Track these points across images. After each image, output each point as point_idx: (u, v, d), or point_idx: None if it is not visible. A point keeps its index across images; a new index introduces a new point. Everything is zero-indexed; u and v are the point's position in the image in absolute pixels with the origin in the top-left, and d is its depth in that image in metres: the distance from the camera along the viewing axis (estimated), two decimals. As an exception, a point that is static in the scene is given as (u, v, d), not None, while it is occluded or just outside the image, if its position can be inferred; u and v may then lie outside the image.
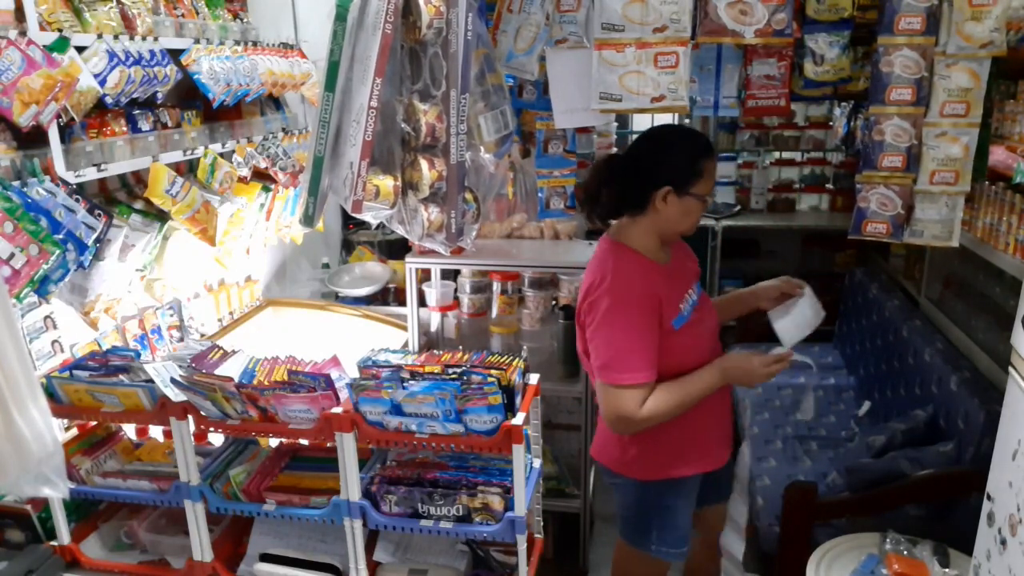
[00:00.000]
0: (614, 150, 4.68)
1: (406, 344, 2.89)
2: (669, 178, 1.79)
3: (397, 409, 1.67)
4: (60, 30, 1.94)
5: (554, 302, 2.95)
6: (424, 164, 1.83)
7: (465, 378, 1.65)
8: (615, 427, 1.85)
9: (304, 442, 1.91)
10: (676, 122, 4.80)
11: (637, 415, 1.77)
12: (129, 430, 2.12)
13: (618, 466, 1.98)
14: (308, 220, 1.84)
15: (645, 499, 1.97)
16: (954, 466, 2.18)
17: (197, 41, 2.48)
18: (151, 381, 1.80)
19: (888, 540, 1.94)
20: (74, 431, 2.00)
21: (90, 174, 2.05)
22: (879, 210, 1.97)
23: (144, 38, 2.22)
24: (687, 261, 2.01)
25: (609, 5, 1.96)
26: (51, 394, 1.82)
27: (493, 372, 1.67)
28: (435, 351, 1.92)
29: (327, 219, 3.70)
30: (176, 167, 2.34)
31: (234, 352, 1.94)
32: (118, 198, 2.28)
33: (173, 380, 1.77)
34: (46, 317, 2.03)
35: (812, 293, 1.93)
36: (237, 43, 2.70)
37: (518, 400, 1.72)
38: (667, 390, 1.79)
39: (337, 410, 1.71)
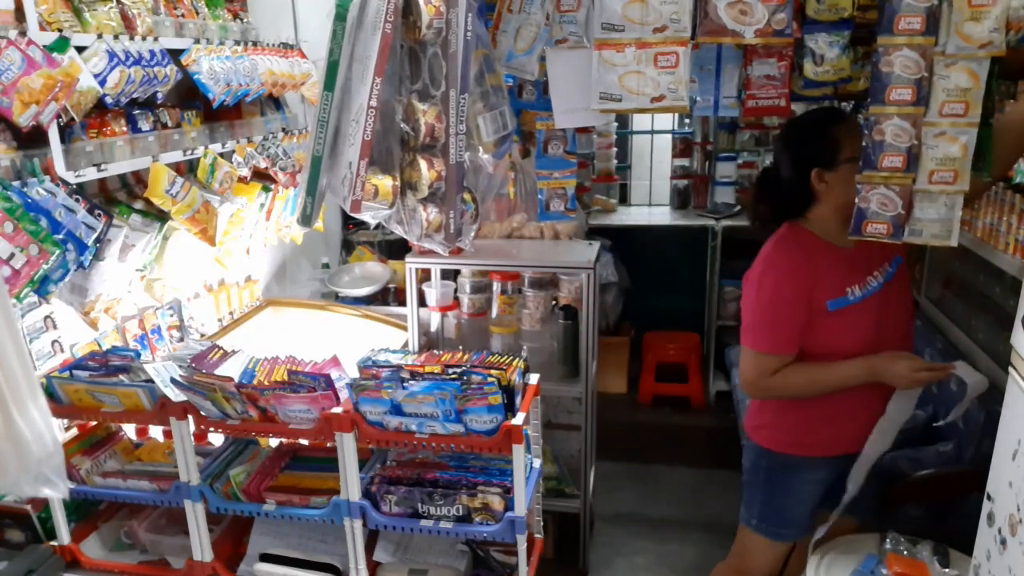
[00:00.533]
0: (614, 150, 4.69)
1: (406, 344, 2.89)
2: (811, 162, 1.87)
3: (397, 409, 1.67)
4: (60, 30, 1.94)
5: (554, 302, 2.95)
6: (423, 164, 1.83)
7: (465, 378, 1.66)
8: (744, 388, 1.94)
9: (304, 442, 1.91)
10: (676, 123, 4.80)
11: (763, 382, 1.86)
12: (129, 430, 2.12)
13: (749, 427, 2.07)
14: (306, 220, 1.84)
15: (759, 467, 2.04)
16: (954, 466, 2.18)
17: (197, 41, 2.48)
18: (151, 381, 1.80)
19: (888, 540, 1.94)
20: (74, 431, 2.00)
21: (90, 174, 2.04)
22: (879, 210, 1.96)
23: (144, 38, 2.22)
24: (884, 247, 1.91)
25: (609, 5, 1.96)
26: (51, 394, 1.82)
27: (493, 372, 1.67)
28: (435, 351, 1.92)
29: (327, 219, 3.70)
30: (176, 167, 2.34)
31: (234, 352, 1.94)
32: (118, 198, 2.28)
33: (173, 380, 1.77)
34: (46, 317, 2.03)
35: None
36: (237, 43, 2.70)
37: (518, 400, 1.72)
38: (803, 369, 1.85)
39: (337, 410, 1.71)
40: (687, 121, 4.69)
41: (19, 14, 1.83)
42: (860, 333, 1.87)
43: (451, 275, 3.04)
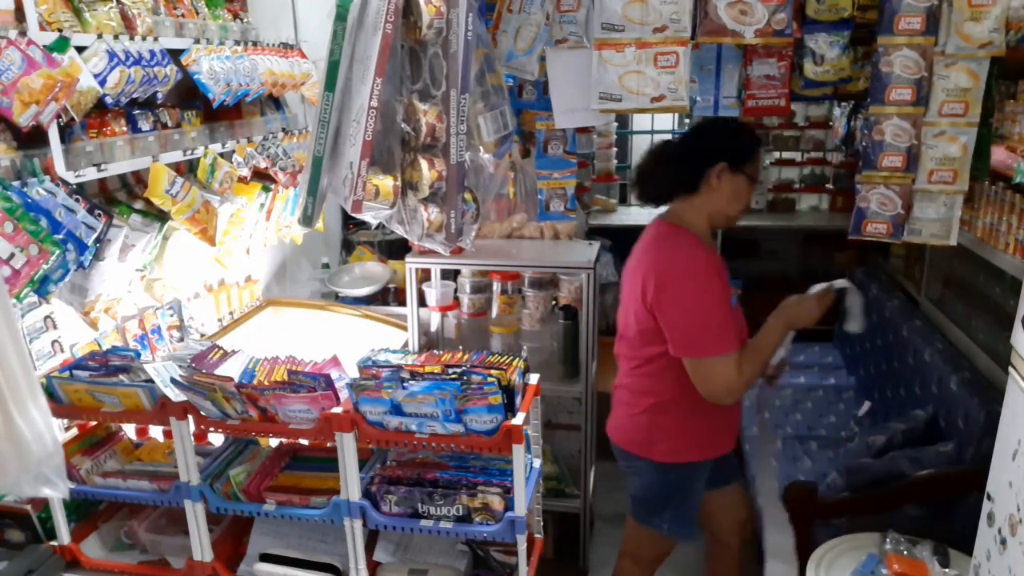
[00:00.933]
0: (614, 150, 4.69)
1: (406, 344, 2.89)
2: (724, 155, 1.88)
3: (397, 409, 1.67)
4: (60, 30, 1.94)
5: (554, 302, 2.95)
6: (424, 164, 1.83)
7: (465, 378, 1.65)
8: (721, 398, 1.88)
9: (304, 442, 1.91)
10: (676, 123, 4.80)
11: (739, 379, 1.85)
12: (129, 430, 2.12)
13: (640, 449, 2.05)
14: (307, 220, 1.84)
15: (664, 481, 2.05)
16: (954, 466, 2.18)
17: (197, 41, 2.48)
18: (151, 381, 1.80)
19: (888, 540, 1.94)
20: (74, 431, 2.00)
21: (90, 174, 2.04)
22: (879, 210, 1.97)
23: (144, 38, 2.22)
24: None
25: (609, 5, 1.97)
26: (51, 394, 1.82)
27: (493, 372, 1.67)
28: (435, 351, 1.92)
29: (327, 219, 3.70)
30: (176, 167, 2.34)
31: (234, 352, 1.94)
32: (118, 198, 2.28)
33: (173, 380, 1.77)
34: (46, 317, 2.03)
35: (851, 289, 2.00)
36: (237, 43, 2.70)
37: (518, 400, 1.72)
38: (750, 351, 1.89)
39: (337, 410, 1.71)
40: (687, 121, 4.69)
41: (19, 14, 1.83)
42: (741, 330, 1.95)
43: (451, 275, 3.04)
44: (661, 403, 1.97)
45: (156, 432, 2.15)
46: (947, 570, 1.85)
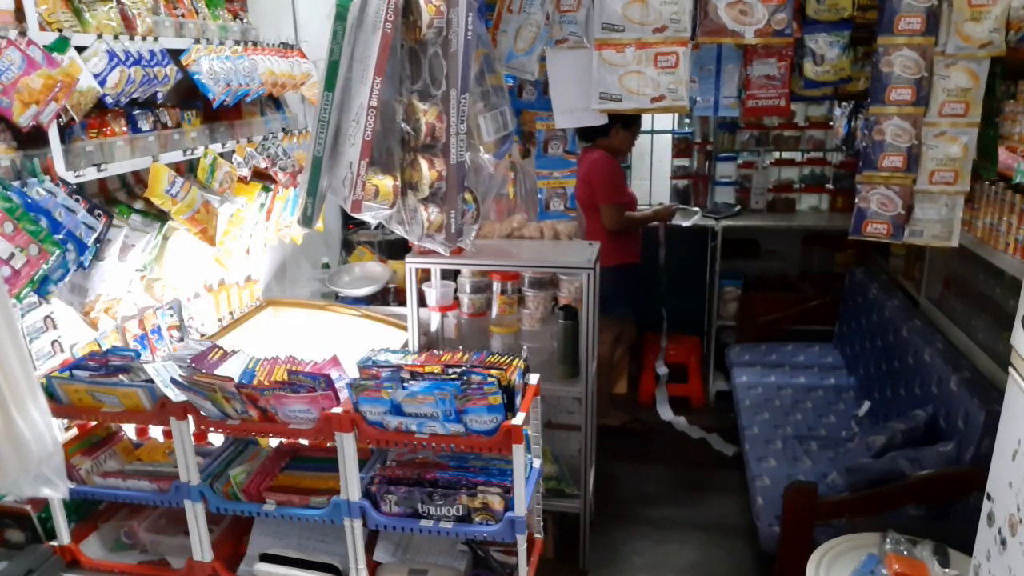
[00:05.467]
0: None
1: (406, 344, 2.88)
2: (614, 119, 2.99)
3: (397, 409, 1.67)
4: (60, 30, 1.93)
5: (554, 302, 2.95)
6: (424, 164, 1.83)
7: (465, 378, 1.65)
8: (613, 226, 3.52)
9: (304, 442, 1.91)
10: (676, 123, 4.80)
11: (622, 220, 3.57)
12: (129, 430, 2.12)
13: (616, 259, 3.50)
14: (307, 220, 1.84)
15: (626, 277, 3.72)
16: (954, 466, 2.18)
17: (197, 41, 2.48)
18: (151, 381, 1.80)
19: (888, 540, 1.94)
20: (74, 431, 2.00)
21: (90, 174, 2.04)
22: (880, 210, 1.97)
23: (144, 38, 2.22)
24: None
25: (609, 5, 1.97)
26: (51, 394, 1.82)
27: (493, 372, 1.67)
28: (435, 351, 1.92)
29: (327, 219, 3.70)
30: (176, 167, 2.34)
31: (234, 352, 1.94)
32: (118, 198, 2.28)
33: (173, 380, 1.77)
34: (46, 317, 2.03)
35: None
36: (237, 43, 2.69)
37: (518, 400, 1.72)
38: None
39: (337, 410, 1.71)
40: (687, 121, 4.68)
41: (19, 14, 1.83)
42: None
43: (451, 275, 3.04)
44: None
45: (156, 432, 2.15)
46: (947, 570, 1.85)
